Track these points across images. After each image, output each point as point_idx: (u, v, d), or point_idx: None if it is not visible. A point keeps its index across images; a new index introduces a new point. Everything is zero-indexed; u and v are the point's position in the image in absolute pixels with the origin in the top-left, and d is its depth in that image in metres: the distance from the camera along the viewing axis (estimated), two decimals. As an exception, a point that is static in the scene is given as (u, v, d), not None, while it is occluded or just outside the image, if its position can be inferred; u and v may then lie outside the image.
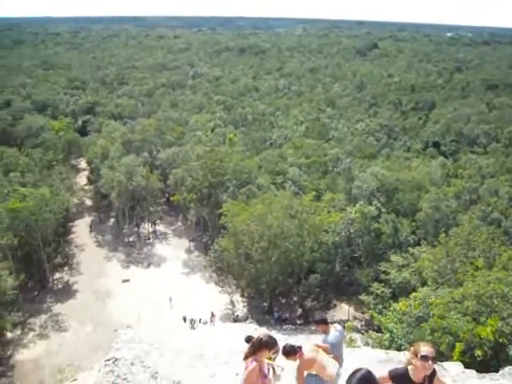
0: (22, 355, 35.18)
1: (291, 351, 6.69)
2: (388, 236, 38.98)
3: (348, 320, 38.87)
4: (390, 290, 32.83)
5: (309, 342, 5.65)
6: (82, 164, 75.51)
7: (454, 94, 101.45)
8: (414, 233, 40.39)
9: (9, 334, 35.79)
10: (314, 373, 6.59)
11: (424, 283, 28.24)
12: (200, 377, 11.02)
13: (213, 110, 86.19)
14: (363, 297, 34.27)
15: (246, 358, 7.27)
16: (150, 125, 67.89)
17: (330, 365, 6.49)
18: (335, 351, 7.70)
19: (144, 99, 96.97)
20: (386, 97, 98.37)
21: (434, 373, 4.24)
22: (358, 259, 40.71)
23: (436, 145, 70.02)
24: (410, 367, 4.25)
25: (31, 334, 38.17)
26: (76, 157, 75.32)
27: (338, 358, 7.97)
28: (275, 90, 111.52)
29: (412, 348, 4.35)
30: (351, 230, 39.94)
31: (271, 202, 40.23)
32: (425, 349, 4.13)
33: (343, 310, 41.22)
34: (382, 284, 33.51)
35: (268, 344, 5.90)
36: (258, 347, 5.88)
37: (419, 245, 36.65)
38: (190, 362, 13.31)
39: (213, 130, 72.74)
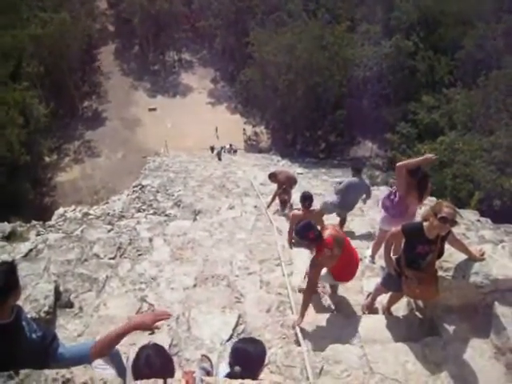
0: (60, 178, 37.47)
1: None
2: (422, 74, 37.03)
3: (371, 157, 39.40)
4: (417, 131, 32.34)
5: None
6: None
7: None
8: (451, 73, 37.83)
9: (47, 159, 37.65)
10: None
11: (453, 127, 27.44)
12: (219, 207, 11.57)
13: None
14: (388, 135, 33.97)
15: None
16: None
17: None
18: (344, 192, 7.96)
19: None
20: None
21: (449, 230, 4.17)
22: (388, 97, 39.41)
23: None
24: (425, 223, 4.15)
25: (67, 158, 40.17)
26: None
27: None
28: None
29: (432, 205, 4.19)
30: (384, 66, 38.02)
31: (301, 31, 37.60)
32: (447, 210, 3.97)
33: (367, 148, 41.50)
34: (409, 124, 32.95)
35: None
36: None
37: (455, 86, 34.87)
38: (212, 193, 13.94)
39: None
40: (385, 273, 5.01)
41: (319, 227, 4.94)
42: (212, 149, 36.37)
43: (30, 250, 7.30)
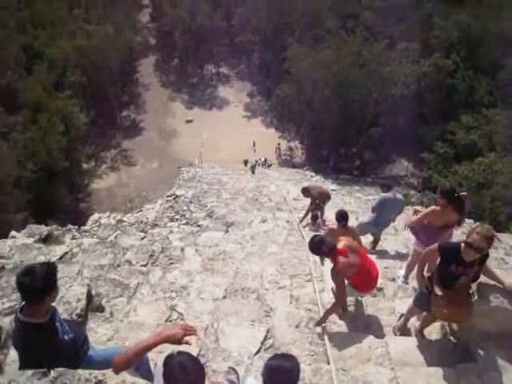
0: (96, 184, 38.41)
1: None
2: (462, 94, 36.36)
3: (406, 176, 38.82)
4: (454, 151, 31.69)
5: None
6: (145, 0, 72.73)
7: None
8: (491, 93, 37.03)
9: (84, 165, 38.69)
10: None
11: (492, 148, 26.77)
12: (251, 220, 11.55)
13: None
14: (424, 155, 33.39)
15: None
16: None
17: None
18: (379, 209, 7.94)
19: None
20: None
21: (486, 255, 4.04)
22: (425, 116, 38.81)
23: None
24: (463, 244, 4.05)
25: (103, 166, 41.17)
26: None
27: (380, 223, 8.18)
28: None
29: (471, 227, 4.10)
30: (422, 84, 37.54)
31: (339, 47, 37.62)
32: (474, 236, 3.87)
33: (402, 166, 40.91)
34: (447, 144, 32.32)
35: None
36: None
37: (495, 106, 34.05)
38: (245, 206, 13.96)
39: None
40: (417, 291, 4.92)
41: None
42: (246, 162, 36.49)
43: (65, 253, 7.46)
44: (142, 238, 9.36)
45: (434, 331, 5.13)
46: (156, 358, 3.58)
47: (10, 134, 29.13)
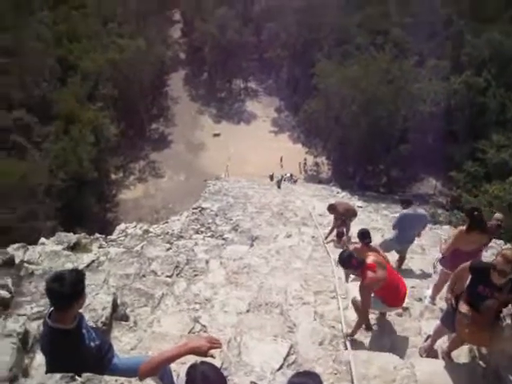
0: (124, 195, 39.01)
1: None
2: (493, 112, 35.71)
3: (434, 195, 38.14)
4: (485, 170, 31.06)
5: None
6: (176, 16, 74.19)
7: None
8: (523, 111, 36.43)
9: (113, 176, 39.38)
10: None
11: (525, 168, 26.25)
12: (277, 234, 11.54)
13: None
14: (454, 173, 32.78)
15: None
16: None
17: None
18: (401, 225, 7.87)
19: None
20: None
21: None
22: (454, 134, 38.19)
23: None
24: None
25: (131, 177, 41.85)
26: (170, 8, 73.69)
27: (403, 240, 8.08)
28: None
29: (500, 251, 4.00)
30: (452, 102, 37.05)
31: (368, 64, 37.54)
32: (499, 259, 3.79)
33: (430, 185, 40.29)
34: (477, 163, 31.71)
35: None
36: None
37: (527, 125, 33.36)
38: (270, 220, 13.95)
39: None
40: (445, 309, 4.85)
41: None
42: (271, 177, 36.53)
43: (92, 262, 7.58)
44: (168, 249, 9.45)
45: (462, 354, 4.99)
46: (179, 369, 3.59)
47: (43, 144, 29.96)
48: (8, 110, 31.51)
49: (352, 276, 6.43)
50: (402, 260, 8.40)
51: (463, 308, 4.19)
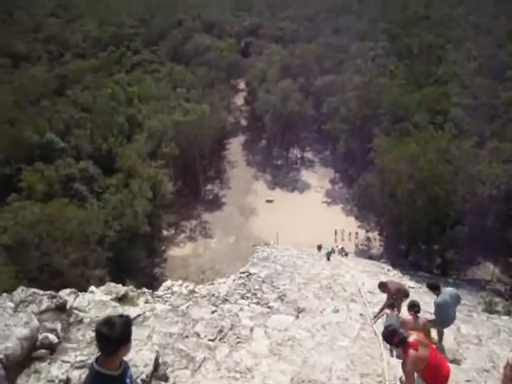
0: (173, 252, 39.65)
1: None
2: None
3: (491, 281, 36.13)
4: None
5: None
6: (241, 85, 77.92)
7: None
8: None
9: (164, 232, 40.27)
10: None
11: None
12: (324, 308, 11.17)
13: (376, 39, 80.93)
14: (514, 260, 31.14)
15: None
16: (310, 50, 66.70)
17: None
18: (442, 312, 8.02)
19: (306, 23, 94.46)
20: None
21: None
22: (516, 219, 36.64)
23: None
24: None
25: (182, 235, 42.67)
26: (236, 77, 77.81)
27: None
28: (449, 19, 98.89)
29: None
30: (513, 185, 35.94)
31: (426, 142, 37.28)
32: None
33: (487, 270, 38.30)
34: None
35: None
36: None
37: None
38: (318, 292, 13.58)
39: (373, 60, 68.93)
40: None
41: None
42: (319, 247, 35.88)
43: (138, 316, 7.58)
44: (213, 312, 9.32)
45: None
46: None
47: (103, 195, 31.36)
48: (76, 159, 33.56)
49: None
50: (441, 335, 8.33)
51: None
